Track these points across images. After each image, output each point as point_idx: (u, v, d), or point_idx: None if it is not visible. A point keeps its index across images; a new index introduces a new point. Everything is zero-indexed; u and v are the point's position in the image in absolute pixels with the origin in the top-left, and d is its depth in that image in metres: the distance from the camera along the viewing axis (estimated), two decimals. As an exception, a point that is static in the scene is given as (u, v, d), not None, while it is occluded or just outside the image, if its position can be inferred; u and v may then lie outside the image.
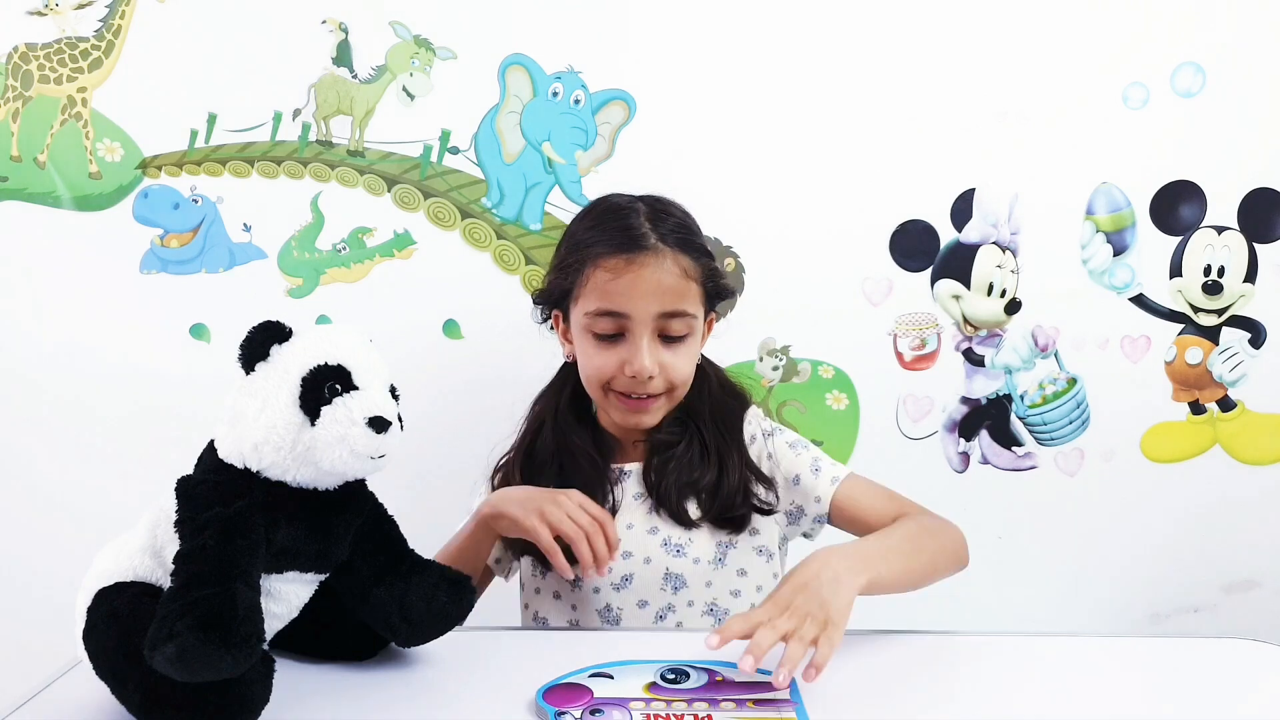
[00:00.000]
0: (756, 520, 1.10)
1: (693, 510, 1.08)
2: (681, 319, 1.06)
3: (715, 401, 1.13)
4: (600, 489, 1.08)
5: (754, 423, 1.15)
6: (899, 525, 1.03)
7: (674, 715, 0.76)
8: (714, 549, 1.08)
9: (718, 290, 1.13)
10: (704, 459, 1.09)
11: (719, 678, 0.81)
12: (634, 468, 1.12)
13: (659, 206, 1.10)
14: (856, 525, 1.09)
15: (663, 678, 0.81)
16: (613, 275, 1.04)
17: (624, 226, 1.07)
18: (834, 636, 0.81)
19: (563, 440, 1.11)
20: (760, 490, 1.10)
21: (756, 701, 0.76)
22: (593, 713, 0.76)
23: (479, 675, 0.84)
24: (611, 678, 0.81)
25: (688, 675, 0.82)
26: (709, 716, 0.75)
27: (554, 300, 1.13)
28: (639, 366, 1.04)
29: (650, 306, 1.04)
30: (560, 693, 0.78)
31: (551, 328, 1.17)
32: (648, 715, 0.75)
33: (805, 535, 1.15)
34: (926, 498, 1.47)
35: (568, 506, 0.99)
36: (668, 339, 1.06)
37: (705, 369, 1.15)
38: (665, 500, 1.08)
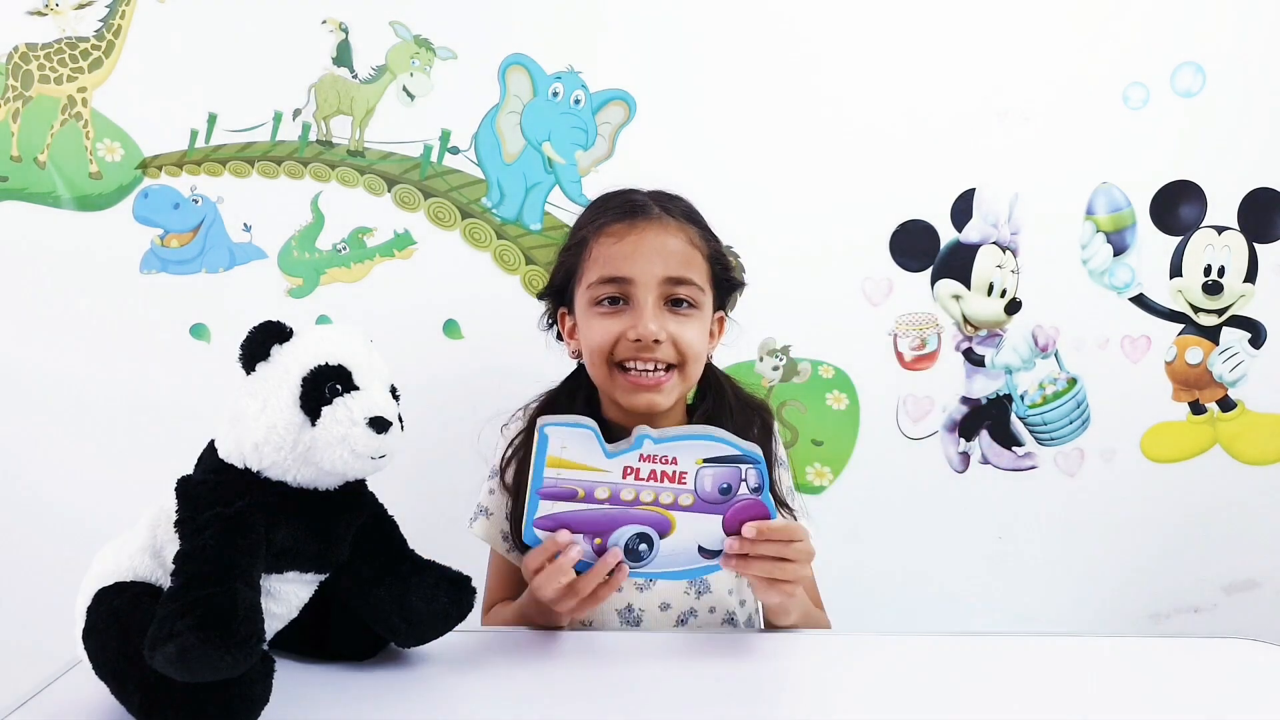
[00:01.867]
0: None
1: None
2: (688, 286, 1.03)
3: (737, 413, 1.09)
4: None
5: (778, 444, 1.13)
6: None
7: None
8: None
9: (727, 278, 1.10)
10: None
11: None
12: None
13: (663, 191, 1.10)
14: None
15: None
16: (616, 239, 1.03)
17: (627, 199, 1.07)
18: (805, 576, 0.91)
19: None
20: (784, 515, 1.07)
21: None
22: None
23: (479, 675, 0.84)
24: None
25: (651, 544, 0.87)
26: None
27: (559, 288, 1.11)
28: (644, 329, 1.00)
29: (655, 269, 1.02)
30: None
31: (559, 335, 1.15)
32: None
33: None
34: (926, 498, 1.48)
35: (548, 580, 0.88)
36: (675, 309, 1.03)
37: (720, 377, 1.13)
38: None
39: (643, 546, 0.86)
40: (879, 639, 0.93)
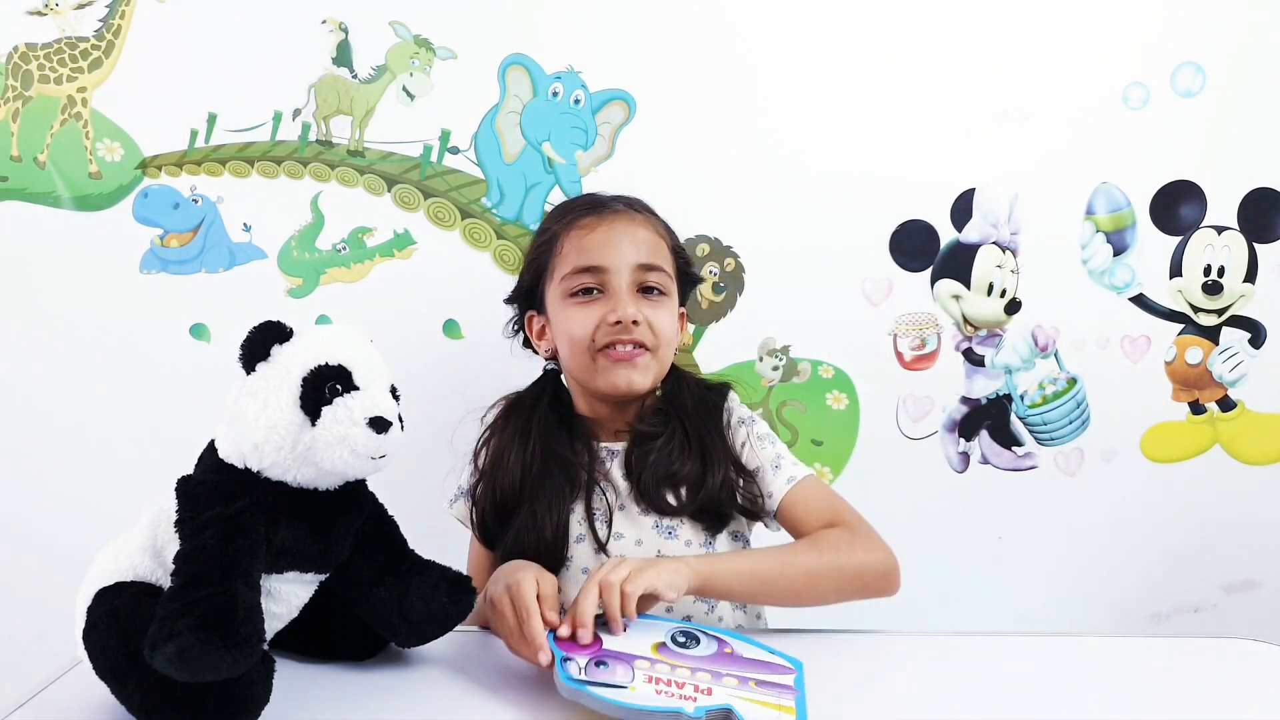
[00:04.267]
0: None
1: (671, 499, 1.06)
2: (658, 273, 1.08)
3: (696, 395, 1.12)
4: (571, 499, 1.06)
5: (734, 409, 1.14)
6: (790, 545, 1.02)
7: (676, 681, 0.75)
8: (702, 534, 1.07)
9: (687, 273, 1.14)
10: (686, 451, 1.07)
11: (728, 649, 0.81)
12: (620, 447, 1.10)
13: (621, 194, 1.15)
14: (793, 530, 1.07)
15: (673, 640, 0.81)
16: (587, 231, 1.07)
17: (590, 198, 1.13)
18: (642, 576, 0.83)
19: (547, 448, 1.08)
20: (748, 488, 1.08)
21: (760, 682, 0.76)
22: (597, 664, 0.76)
23: (479, 675, 0.84)
24: (624, 631, 0.81)
25: (698, 641, 0.82)
26: (709, 689, 0.75)
27: (528, 288, 1.14)
28: (623, 312, 1.03)
29: (627, 256, 1.06)
30: (571, 638, 0.78)
31: (525, 341, 1.16)
32: (650, 676, 0.75)
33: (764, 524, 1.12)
34: (926, 498, 1.48)
35: (508, 612, 0.86)
36: (647, 295, 1.07)
37: (679, 369, 1.15)
38: (645, 493, 1.06)
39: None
40: (879, 639, 0.93)
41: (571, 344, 1.07)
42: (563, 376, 1.15)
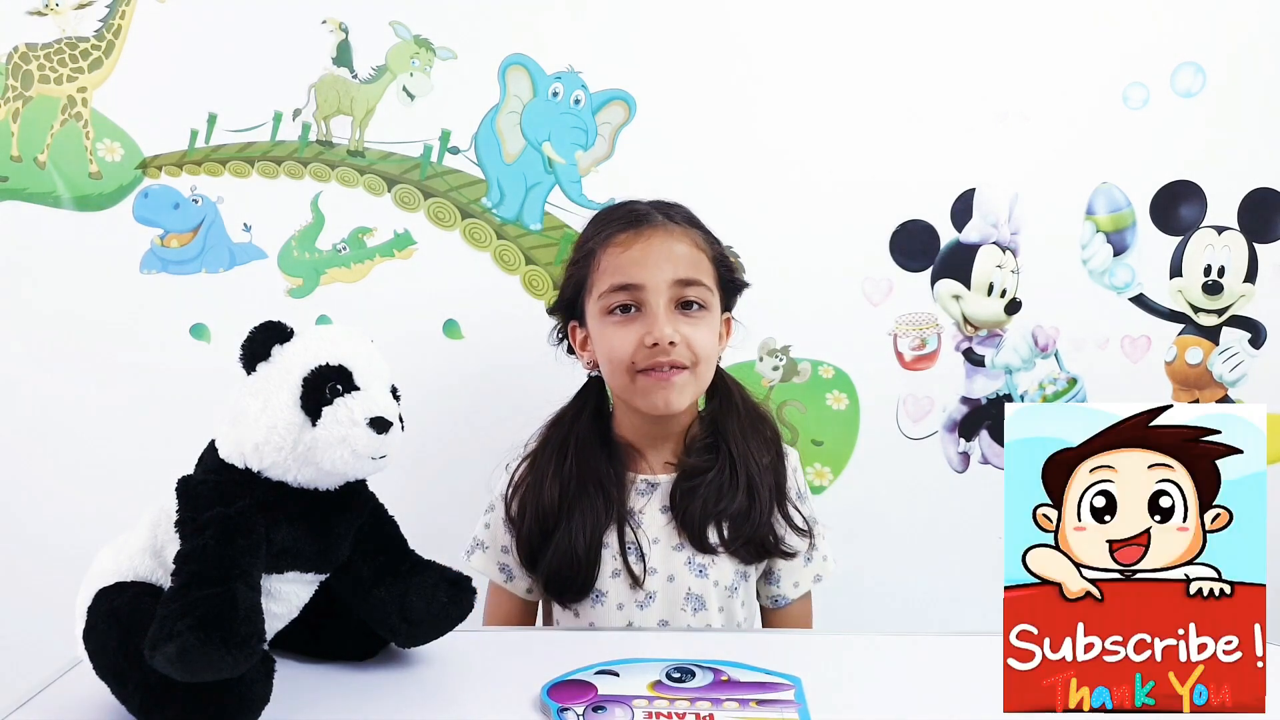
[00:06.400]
0: None
1: (713, 537, 1.06)
2: (697, 287, 1.05)
3: (744, 422, 1.11)
4: (607, 522, 1.06)
5: (796, 475, 1.15)
6: None
7: (676, 714, 0.75)
8: (732, 575, 1.07)
9: (731, 280, 1.12)
10: (733, 485, 1.06)
11: (724, 677, 0.81)
12: (662, 480, 1.09)
13: (662, 200, 1.12)
14: (774, 606, 1.14)
15: (668, 676, 0.81)
16: (623, 248, 1.04)
17: (629, 210, 1.10)
18: None
19: (584, 467, 1.08)
20: (790, 537, 1.09)
21: (760, 702, 0.76)
22: (595, 709, 0.76)
23: (479, 675, 0.84)
24: (617, 675, 0.81)
25: (693, 674, 0.82)
26: (710, 716, 0.75)
27: (568, 301, 1.12)
28: (659, 333, 1.02)
29: (664, 273, 1.03)
30: (565, 689, 0.78)
31: (569, 349, 1.15)
32: (650, 713, 0.75)
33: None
34: (926, 498, 1.48)
35: None
36: (686, 310, 1.05)
37: (729, 381, 1.14)
38: (689, 525, 1.06)
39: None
40: (879, 639, 0.93)
41: (611, 364, 1.06)
42: (607, 386, 1.14)
